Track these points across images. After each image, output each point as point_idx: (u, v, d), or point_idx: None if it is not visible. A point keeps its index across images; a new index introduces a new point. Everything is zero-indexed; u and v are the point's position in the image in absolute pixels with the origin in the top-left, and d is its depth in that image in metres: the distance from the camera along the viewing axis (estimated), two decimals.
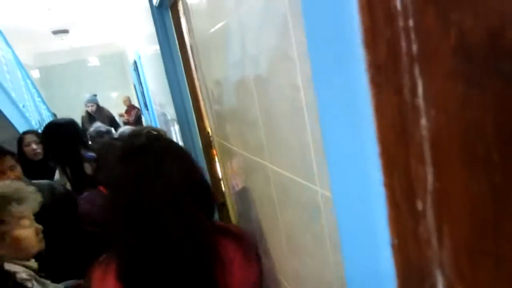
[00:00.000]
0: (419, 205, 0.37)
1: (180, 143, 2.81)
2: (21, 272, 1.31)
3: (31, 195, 1.43)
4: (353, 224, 0.46)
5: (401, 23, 0.36)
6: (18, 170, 2.17)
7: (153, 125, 5.27)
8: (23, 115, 4.37)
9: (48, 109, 6.44)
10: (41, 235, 1.43)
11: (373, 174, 0.40)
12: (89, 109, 6.15)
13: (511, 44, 0.29)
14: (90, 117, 5.92)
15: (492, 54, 0.30)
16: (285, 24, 0.63)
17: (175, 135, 3.16)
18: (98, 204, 1.79)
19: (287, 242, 0.97)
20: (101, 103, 6.53)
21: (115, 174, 1.00)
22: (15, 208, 1.35)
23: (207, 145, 2.51)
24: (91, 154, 2.59)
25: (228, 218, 1.87)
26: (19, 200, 1.37)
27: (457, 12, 0.32)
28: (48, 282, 1.41)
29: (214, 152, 2.11)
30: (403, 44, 0.36)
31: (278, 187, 0.93)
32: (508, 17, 0.29)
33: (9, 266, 1.29)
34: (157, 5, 2.55)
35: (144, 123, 6.82)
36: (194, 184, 1.02)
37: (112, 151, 1.72)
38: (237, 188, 1.45)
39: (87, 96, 6.38)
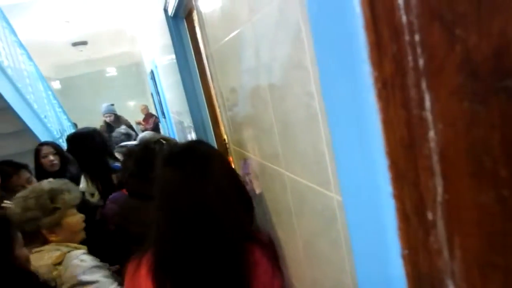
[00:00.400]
0: (430, 216, 0.38)
1: None
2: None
3: (75, 188, 1.71)
4: (364, 235, 0.47)
5: (407, 38, 0.37)
6: (34, 181, 2.25)
7: (170, 133, 5.33)
8: (45, 126, 4.49)
9: (69, 119, 6.55)
10: (83, 224, 1.67)
11: (383, 186, 0.41)
12: (108, 119, 6.07)
13: None
14: (108, 127, 5.83)
15: (497, 71, 0.30)
16: (298, 32, 0.64)
17: None
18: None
19: (303, 249, 0.97)
20: (119, 112, 6.56)
21: (162, 181, 1.04)
22: (67, 197, 1.61)
23: (224, 152, 2.53)
24: (117, 164, 2.66)
25: None
26: (68, 191, 1.64)
27: (462, 29, 0.33)
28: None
29: (231, 159, 2.13)
30: (410, 58, 0.37)
31: (294, 194, 0.93)
32: None
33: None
34: (172, 15, 2.59)
35: (161, 131, 6.89)
36: (238, 186, 1.08)
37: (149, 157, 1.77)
38: (253, 195, 1.46)
39: (104, 106, 6.23)
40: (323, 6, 0.46)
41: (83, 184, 2.64)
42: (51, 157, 2.84)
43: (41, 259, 1.45)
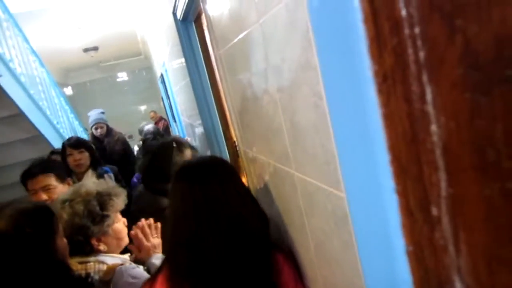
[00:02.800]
0: (434, 211, 0.37)
1: (208, 153, 2.84)
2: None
3: (121, 190, 1.55)
4: (369, 232, 0.46)
5: (407, 31, 0.37)
6: (55, 191, 2.08)
7: (182, 135, 5.36)
8: (58, 132, 4.55)
9: (81, 125, 6.63)
10: (126, 228, 1.54)
11: (386, 182, 0.40)
12: (99, 132, 4.27)
13: None
14: (97, 142, 4.10)
15: (499, 61, 0.30)
16: (306, 32, 0.63)
17: (202, 145, 3.20)
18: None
19: (315, 249, 0.97)
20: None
21: (180, 203, 1.06)
22: (116, 202, 1.47)
23: (234, 154, 2.54)
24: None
25: None
26: (116, 195, 1.50)
27: (462, 19, 0.32)
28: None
29: (241, 160, 2.13)
30: (410, 51, 0.36)
31: (305, 194, 0.93)
32: None
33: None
34: (181, 19, 2.60)
35: (172, 133, 6.92)
36: (252, 202, 1.12)
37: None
38: (264, 196, 1.46)
39: (93, 114, 4.45)
40: (322, 3, 0.46)
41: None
42: (77, 156, 2.71)
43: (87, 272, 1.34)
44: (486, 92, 0.31)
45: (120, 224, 1.49)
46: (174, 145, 2.06)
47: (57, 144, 4.24)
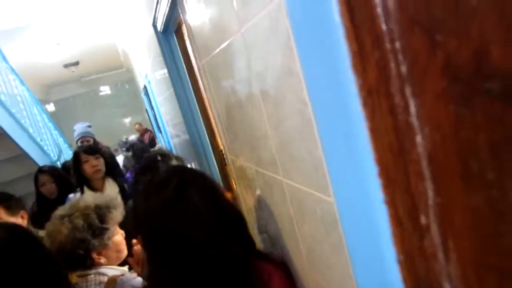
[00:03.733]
0: (423, 220, 0.38)
1: (195, 162, 2.83)
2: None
3: (118, 203, 1.55)
4: (360, 242, 0.46)
5: (388, 45, 0.38)
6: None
7: (168, 146, 5.33)
8: (42, 149, 4.48)
9: (65, 141, 6.54)
10: (124, 241, 1.54)
11: (375, 193, 0.41)
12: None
13: (496, 63, 0.30)
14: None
15: (478, 73, 0.30)
16: (287, 40, 0.64)
17: (189, 154, 3.19)
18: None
19: (306, 255, 0.97)
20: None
21: (142, 213, 1.02)
22: (114, 215, 1.47)
23: (222, 162, 2.53)
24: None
25: None
26: (114, 207, 1.50)
27: (442, 34, 0.33)
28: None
29: (229, 169, 2.13)
30: (392, 65, 0.37)
31: (294, 201, 0.93)
32: (490, 37, 0.30)
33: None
34: (161, 30, 2.60)
35: (157, 145, 6.88)
36: (223, 213, 1.01)
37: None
38: (253, 204, 1.46)
39: (79, 127, 4.25)
40: (304, 18, 0.47)
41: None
42: (48, 186, 2.82)
43: (87, 285, 1.35)
44: (468, 104, 0.32)
45: (119, 236, 1.49)
46: (159, 158, 2.06)
47: (42, 161, 4.18)
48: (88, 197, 1.52)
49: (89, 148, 2.72)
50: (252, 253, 1.05)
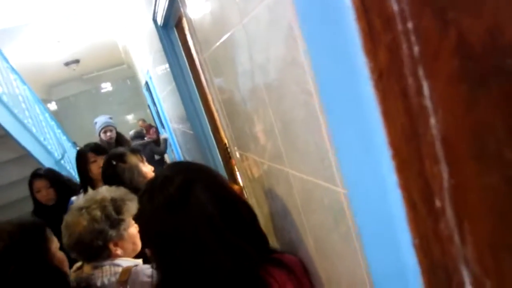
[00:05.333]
0: (438, 203, 0.37)
1: (199, 156, 2.83)
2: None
3: (135, 197, 1.55)
4: (374, 228, 0.46)
5: (400, 26, 0.37)
6: None
7: (171, 142, 5.34)
8: (45, 149, 4.48)
9: (68, 139, 6.55)
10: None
11: (388, 177, 0.41)
12: (107, 136, 3.88)
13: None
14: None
15: (494, 52, 0.30)
16: (290, 30, 0.63)
17: (193, 149, 3.19)
18: None
19: (315, 245, 0.97)
20: (118, 127, 5.52)
21: (145, 211, 1.00)
22: (130, 207, 1.50)
23: (226, 156, 2.53)
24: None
25: None
26: (130, 200, 1.53)
27: (454, 11, 0.32)
28: None
29: (233, 162, 2.13)
30: (404, 47, 0.37)
31: (301, 192, 0.93)
32: (505, 13, 0.29)
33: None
34: (162, 25, 2.59)
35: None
36: (232, 210, 0.97)
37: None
38: (260, 197, 1.46)
39: (102, 119, 4.10)
40: (310, 4, 0.46)
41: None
42: (44, 192, 2.57)
43: (103, 276, 1.39)
44: (483, 83, 0.31)
45: (134, 228, 1.52)
46: (113, 162, 2.02)
47: (46, 161, 4.19)
48: (104, 191, 1.56)
49: (97, 147, 2.54)
50: (265, 251, 1.02)
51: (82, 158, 2.49)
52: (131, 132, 5.88)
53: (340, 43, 0.42)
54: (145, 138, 5.91)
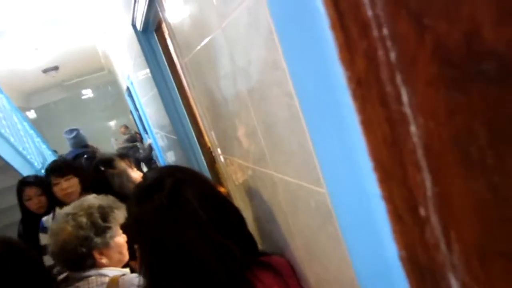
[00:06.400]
0: (422, 212, 0.37)
1: (184, 161, 2.81)
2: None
3: (123, 205, 1.54)
4: (360, 240, 0.45)
5: (375, 32, 0.36)
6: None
7: (154, 147, 5.29)
8: (25, 158, 4.38)
9: (49, 148, 6.42)
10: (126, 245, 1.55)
11: (371, 189, 0.40)
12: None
13: (490, 43, 0.28)
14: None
15: (472, 56, 0.29)
16: (269, 33, 0.62)
17: (177, 153, 3.16)
18: None
19: (303, 248, 0.96)
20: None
21: (134, 218, 0.98)
22: (117, 215, 1.49)
23: (211, 160, 2.51)
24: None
25: None
26: (118, 208, 1.51)
27: (430, 17, 0.32)
28: None
29: (218, 166, 2.11)
30: (381, 53, 0.36)
31: (287, 195, 0.92)
32: (482, 17, 0.28)
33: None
34: (141, 30, 2.56)
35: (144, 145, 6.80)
36: (221, 213, 0.96)
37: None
38: (245, 201, 1.45)
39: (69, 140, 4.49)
40: (286, 9, 0.45)
41: None
42: (36, 200, 2.46)
43: (89, 287, 1.36)
44: (463, 88, 0.30)
45: (121, 238, 1.50)
46: (102, 168, 1.99)
47: (26, 171, 4.09)
48: (91, 198, 1.55)
49: (58, 168, 2.37)
50: (254, 253, 1.01)
51: (47, 178, 2.40)
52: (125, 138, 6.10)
53: (315, 52, 0.41)
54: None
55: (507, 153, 0.29)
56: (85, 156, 4.12)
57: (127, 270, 1.51)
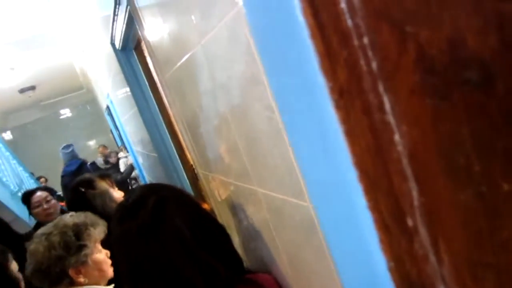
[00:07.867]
0: (410, 222, 0.36)
1: (166, 179, 2.77)
2: None
3: (101, 221, 1.55)
4: (347, 252, 0.44)
5: (356, 42, 0.36)
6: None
7: (135, 165, 5.21)
8: (0, 181, 4.25)
9: (25, 170, 6.25)
10: (110, 260, 1.51)
11: (357, 199, 0.39)
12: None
13: (472, 51, 0.28)
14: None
15: (455, 64, 0.29)
16: (247, 48, 0.62)
17: (159, 172, 3.12)
18: None
19: (289, 264, 0.95)
20: (79, 153, 5.86)
21: (117, 237, 0.95)
22: (92, 232, 1.46)
23: (193, 177, 2.48)
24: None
25: None
26: (94, 225, 1.49)
27: (413, 25, 0.31)
28: None
29: (201, 184, 2.08)
30: (362, 62, 0.35)
31: (271, 209, 0.91)
32: (466, 25, 0.28)
33: None
34: (120, 48, 2.54)
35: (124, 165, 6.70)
36: (206, 232, 0.94)
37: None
38: (229, 218, 1.43)
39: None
40: (264, 23, 0.44)
41: None
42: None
43: None
44: (446, 96, 0.30)
45: (101, 255, 1.47)
46: (82, 189, 1.95)
47: (1, 194, 3.97)
48: (68, 217, 1.53)
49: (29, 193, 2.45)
50: (239, 271, 1.00)
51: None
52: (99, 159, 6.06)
53: (296, 62, 0.41)
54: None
55: (493, 161, 0.29)
56: (89, 163, 4.30)
57: (111, 287, 1.48)
